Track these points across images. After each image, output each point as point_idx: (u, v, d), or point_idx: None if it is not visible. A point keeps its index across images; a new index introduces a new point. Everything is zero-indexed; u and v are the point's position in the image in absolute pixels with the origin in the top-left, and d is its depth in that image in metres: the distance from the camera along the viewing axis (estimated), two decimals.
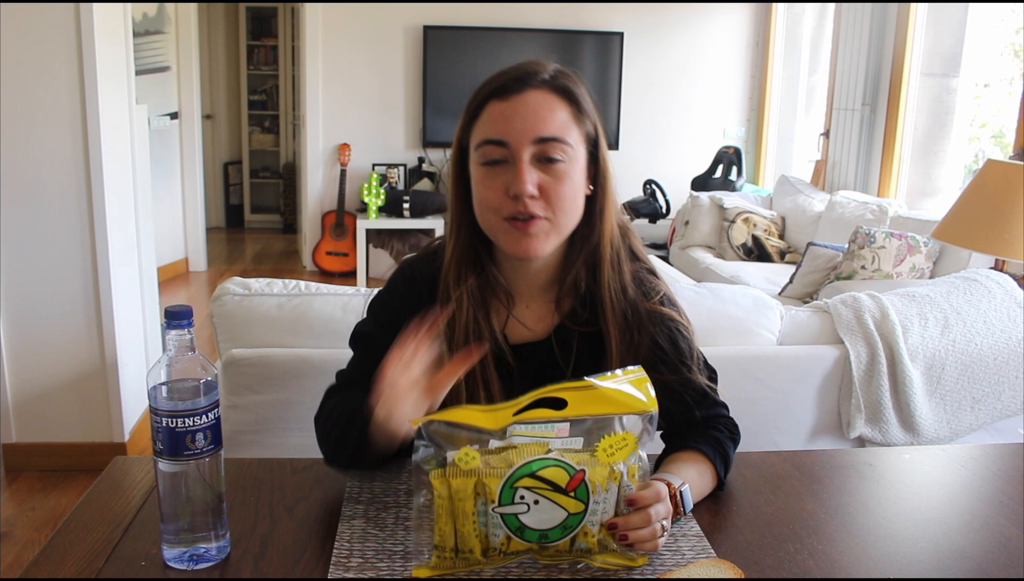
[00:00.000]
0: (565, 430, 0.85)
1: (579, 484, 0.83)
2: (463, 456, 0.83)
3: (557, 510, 0.84)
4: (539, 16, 5.64)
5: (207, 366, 0.84)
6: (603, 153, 1.09)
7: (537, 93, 1.02)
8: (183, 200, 5.76)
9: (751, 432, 1.78)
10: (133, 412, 2.86)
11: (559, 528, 0.84)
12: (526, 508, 0.83)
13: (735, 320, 1.76)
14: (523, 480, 0.83)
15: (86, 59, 2.53)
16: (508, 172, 1.01)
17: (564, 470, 0.83)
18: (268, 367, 1.55)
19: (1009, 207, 2.15)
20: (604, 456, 0.85)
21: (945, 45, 4.05)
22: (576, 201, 1.05)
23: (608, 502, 0.86)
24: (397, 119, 5.77)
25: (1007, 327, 1.84)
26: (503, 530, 0.84)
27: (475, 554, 0.85)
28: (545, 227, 1.03)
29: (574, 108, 1.04)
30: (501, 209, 1.02)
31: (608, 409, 0.86)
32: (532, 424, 0.85)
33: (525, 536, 0.84)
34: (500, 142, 1.01)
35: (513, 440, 0.85)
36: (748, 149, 6.00)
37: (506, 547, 0.85)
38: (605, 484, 0.85)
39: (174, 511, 0.86)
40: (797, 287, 3.68)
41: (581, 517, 0.84)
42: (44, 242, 2.62)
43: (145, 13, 5.14)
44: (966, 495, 1.12)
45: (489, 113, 1.02)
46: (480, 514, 0.84)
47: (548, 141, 1.01)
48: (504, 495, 0.83)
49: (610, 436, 0.86)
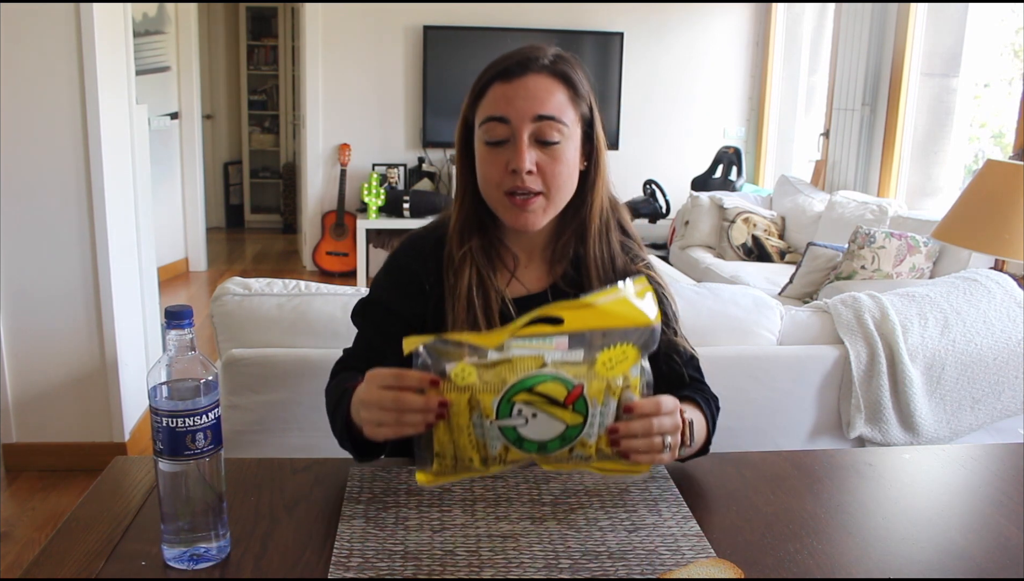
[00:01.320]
0: (564, 343, 0.87)
1: (577, 398, 0.85)
2: (459, 371, 0.86)
3: (555, 423, 0.85)
4: (539, 16, 5.64)
5: (207, 366, 0.84)
6: (598, 132, 1.17)
7: (537, 77, 1.11)
8: (183, 200, 5.76)
9: (751, 432, 1.79)
10: (133, 412, 2.86)
11: (558, 439, 0.86)
12: (524, 421, 0.85)
13: (735, 320, 1.76)
14: (520, 395, 0.84)
15: (86, 59, 2.53)
16: (509, 150, 1.10)
17: (562, 384, 0.85)
18: (268, 367, 1.55)
19: (1009, 207, 2.15)
20: (603, 370, 0.87)
21: (945, 45, 4.05)
22: (571, 178, 1.15)
23: (606, 415, 0.87)
24: (397, 119, 5.77)
25: (1007, 327, 1.84)
26: (501, 441, 0.86)
27: (475, 463, 0.87)
28: (542, 203, 1.13)
29: (571, 91, 1.13)
30: (502, 184, 1.11)
31: (607, 323, 0.88)
32: (530, 338, 0.87)
33: (524, 447, 0.86)
34: (502, 119, 1.09)
35: (511, 354, 0.86)
36: (748, 149, 6.00)
37: (504, 456, 0.87)
38: (602, 398, 0.85)
39: (174, 511, 0.86)
40: (797, 287, 3.68)
41: (580, 429, 0.86)
42: (44, 242, 2.62)
43: (145, 13, 5.14)
44: (966, 495, 1.12)
45: (493, 94, 1.11)
46: (476, 427, 0.86)
47: (546, 120, 1.09)
48: (501, 409, 0.85)
49: (610, 349, 0.87)
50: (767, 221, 4.70)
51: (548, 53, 1.13)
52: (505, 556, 0.89)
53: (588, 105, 1.15)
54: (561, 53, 1.14)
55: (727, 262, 4.48)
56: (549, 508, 0.99)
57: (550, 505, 1.00)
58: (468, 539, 0.92)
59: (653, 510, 1.00)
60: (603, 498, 1.02)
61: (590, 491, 1.04)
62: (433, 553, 0.89)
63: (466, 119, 1.16)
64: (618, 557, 0.90)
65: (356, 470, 1.08)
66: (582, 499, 1.02)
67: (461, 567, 0.87)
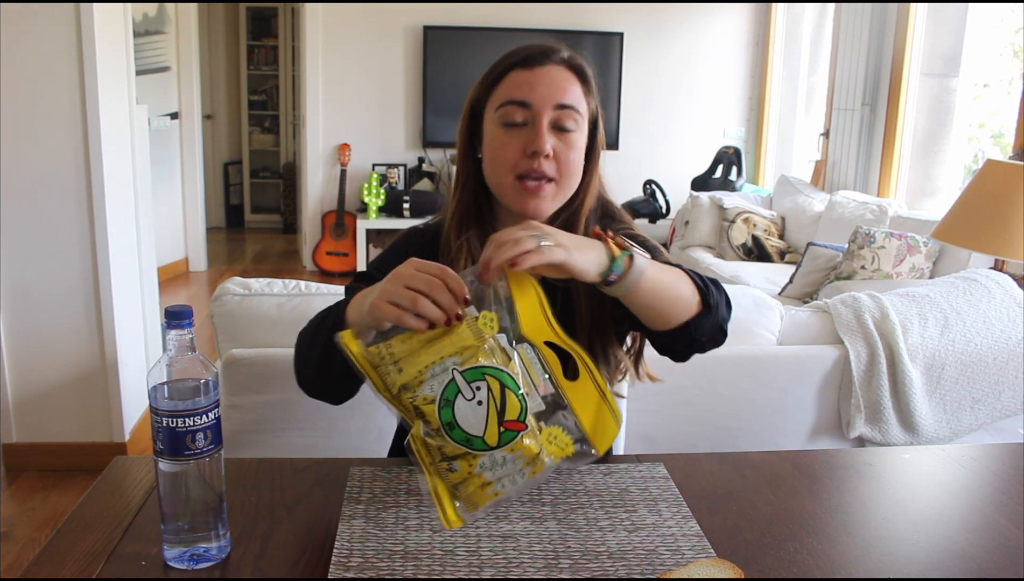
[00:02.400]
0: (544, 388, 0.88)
1: (512, 431, 0.85)
2: (484, 318, 0.86)
3: (481, 425, 0.84)
4: (539, 16, 5.64)
5: (207, 366, 0.84)
6: (600, 132, 1.20)
7: (557, 68, 1.13)
8: (183, 200, 5.76)
9: (751, 432, 1.79)
10: (133, 412, 2.86)
11: (464, 435, 0.85)
12: (470, 397, 0.84)
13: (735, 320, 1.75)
14: (494, 382, 0.84)
15: (86, 59, 2.53)
16: (526, 133, 1.11)
17: (521, 410, 0.85)
18: (268, 367, 1.55)
19: (1009, 207, 2.15)
20: (544, 438, 0.88)
21: (945, 45, 4.05)
22: (580, 167, 1.16)
23: (504, 468, 0.86)
24: (397, 119, 5.77)
25: (1007, 327, 1.84)
26: (440, 391, 0.84)
27: (393, 375, 0.85)
28: (552, 190, 1.13)
29: (586, 86, 1.16)
30: (516, 166, 1.12)
31: (584, 419, 0.89)
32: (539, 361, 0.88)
33: (442, 412, 0.84)
34: (523, 103, 1.11)
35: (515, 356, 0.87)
36: (748, 149, 6.00)
37: (421, 403, 0.85)
38: (519, 453, 0.86)
39: (174, 511, 0.86)
40: (797, 287, 3.68)
41: (484, 449, 0.85)
42: (44, 242, 2.62)
43: (145, 13, 5.14)
44: (966, 495, 1.12)
45: (513, 79, 1.13)
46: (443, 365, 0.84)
47: (566, 108, 1.12)
48: (472, 372, 0.84)
49: (561, 431, 0.88)
50: (767, 221, 4.70)
51: (563, 49, 1.16)
52: (505, 556, 0.89)
53: (596, 103, 1.18)
54: (574, 52, 1.18)
55: (727, 262, 4.48)
56: (549, 508, 0.99)
57: (550, 505, 1.00)
58: (468, 539, 0.92)
59: (653, 510, 1.00)
60: (603, 498, 1.02)
61: (590, 491, 1.04)
62: (433, 553, 0.89)
63: (474, 107, 1.17)
64: (618, 557, 0.90)
65: (356, 470, 1.08)
66: (582, 499, 1.02)
67: (461, 567, 0.87)
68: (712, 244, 4.82)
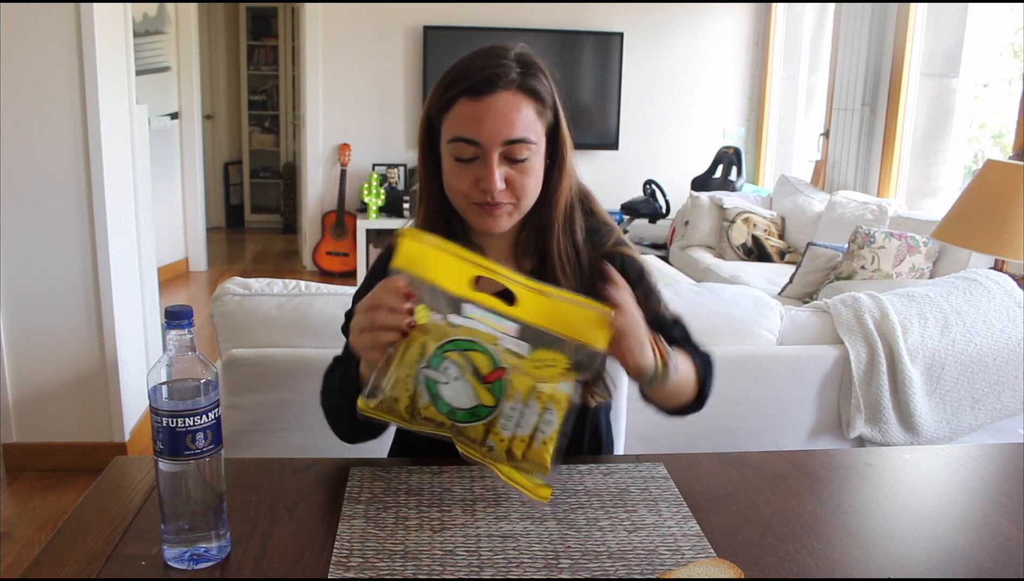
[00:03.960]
0: (511, 329, 0.89)
1: (496, 379, 0.87)
2: (419, 311, 0.89)
3: (470, 393, 0.87)
4: (539, 16, 5.64)
5: (207, 366, 0.84)
6: (563, 133, 1.16)
7: (505, 95, 1.09)
8: (183, 200, 5.76)
9: (751, 432, 1.79)
10: (133, 412, 2.86)
11: (468, 412, 0.88)
12: (446, 380, 0.87)
13: (735, 320, 1.76)
14: (452, 353, 0.87)
15: (86, 59, 2.53)
16: (477, 167, 1.10)
17: (490, 360, 0.87)
18: (268, 367, 1.55)
19: (1009, 207, 2.15)
20: (531, 366, 0.88)
21: (945, 45, 4.05)
22: (538, 185, 1.15)
23: (527, 417, 0.87)
24: (397, 119, 5.77)
25: (1007, 327, 1.84)
26: (427, 394, 0.88)
27: (399, 405, 0.89)
28: (508, 209, 1.14)
29: (538, 104, 1.12)
30: (470, 196, 1.12)
31: (555, 327, 0.90)
32: (487, 312, 0.89)
33: (438, 406, 0.88)
34: (472, 141, 1.09)
35: (464, 322, 0.89)
36: (748, 149, 6.00)
37: (426, 411, 0.89)
38: (525, 395, 0.86)
39: (174, 511, 0.86)
40: (797, 287, 3.68)
41: (490, 411, 0.87)
42: (44, 242, 2.62)
43: (145, 13, 5.14)
44: (966, 495, 1.12)
45: (461, 110, 1.10)
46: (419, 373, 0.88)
47: (516, 143, 1.09)
48: (433, 360, 0.87)
49: (544, 350, 0.89)
50: (767, 221, 4.71)
51: (513, 63, 1.10)
52: (505, 556, 0.89)
53: (553, 112, 1.14)
54: (525, 58, 1.12)
55: (727, 262, 4.49)
56: (549, 508, 0.99)
57: (550, 505, 1.00)
58: (468, 539, 0.92)
59: (653, 510, 1.00)
60: (603, 498, 1.03)
61: (590, 491, 1.04)
62: (433, 553, 0.89)
63: (429, 118, 1.15)
64: (618, 557, 0.90)
65: (356, 470, 1.08)
66: (582, 499, 1.02)
67: (461, 567, 0.87)
68: (712, 244, 4.82)
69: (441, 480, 1.06)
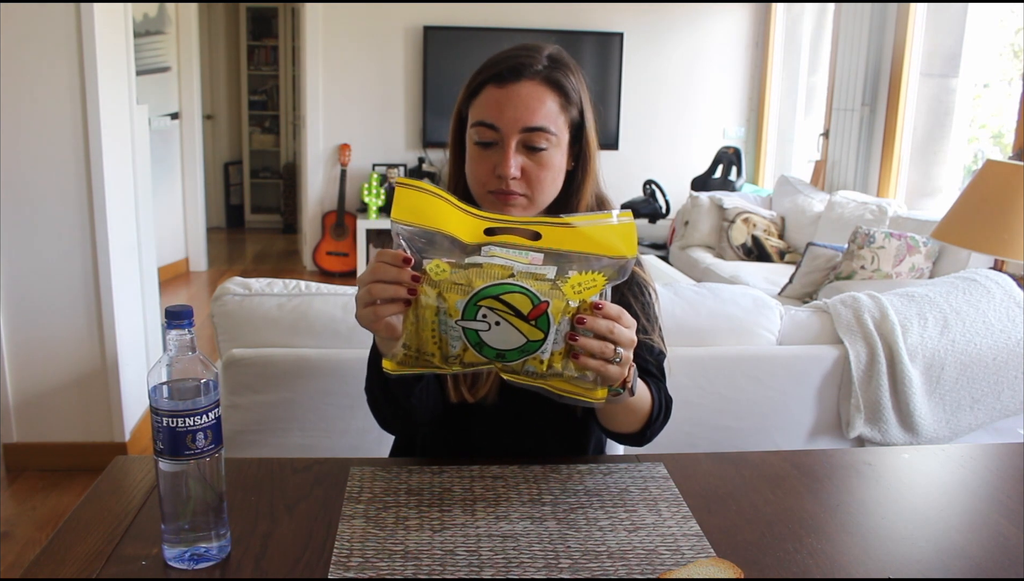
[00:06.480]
0: (538, 259, 0.88)
1: (541, 314, 0.85)
2: (434, 267, 0.87)
3: (516, 334, 0.86)
4: (539, 16, 5.64)
5: (207, 366, 0.84)
6: (588, 135, 1.17)
7: (529, 84, 1.11)
8: (183, 200, 5.76)
9: (751, 432, 1.79)
10: (133, 412, 2.86)
11: (517, 351, 0.86)
12: (487, 327, 0.86)
13: (735, 320, 1.76)
14: (487, 301, 0.85)
15: (86, 59, 2.53)
16: (495, 154, 1.12)
17: (529, 298, 0.85)
18: (268, 367, 1.56)
19: (1008, 207, 2.15)
20: (571, 293, 0.87)
21: (944, 45, 4.05)
22: (555, 181, 1.16)
23: (561, 333, 0.87)
24: (397, 119, 5.77)
25: (1006, 327, 1.84)
26: (461, 342, 0.87)
27: (435, 359, 0.88)
28: (523, 202, 1.14)
29: (562, 98, 1.13)
30: (487, 184, 1.13)
31: (584, 247, 0.89)
32: (507, 248, 0.88)
33: (484, 352, 0.87)
34: (492, 126, 1.11)
35: (484, 260, 0.87)
36: (748, 149, 6.00)
37: (463, 357, 0.88)
38: (559, 317, 0.86)
39: (175, 511, 0.86)
40: (797, 287, 3.68)
41: (540, 344, 0.86)
42: (44, 242, 2.62)
43: (146, 13, 5.14)
44: (965, 495, 1.12)
45: (486, 96, 1.12)
46: (441, 323, 0.87)
47: (534, 131, 1.10)
48: (468, 311, 0.85)
49: (582, 274, 0.88)
50: (767, 221, 4.71)
51: (543, 57, 1.13)
52: (505, 556, 0.90)
53: (579, 110, 1.16)
54: (556, 56, 1.15)
55: (727, 262, 4.49)
56: (549, 508, 1.00)
57: (550, 505, 1.00)
58: (468, 539, 0.93)
59: (653, 510, 1.00)
60: (603, 498, 1.03)
61: (590, 491, 1.05)
62: (433, 553, 0.90)
63: (460, 112, 1.19)
64: (618, 557, 0.90)
65: (356, 470, 1.09)
66: (582, 499, 1.02)
67: (461, 567, 0.87)
68: (712, 244, 4.82)
69: (441, 480, 1.06)
